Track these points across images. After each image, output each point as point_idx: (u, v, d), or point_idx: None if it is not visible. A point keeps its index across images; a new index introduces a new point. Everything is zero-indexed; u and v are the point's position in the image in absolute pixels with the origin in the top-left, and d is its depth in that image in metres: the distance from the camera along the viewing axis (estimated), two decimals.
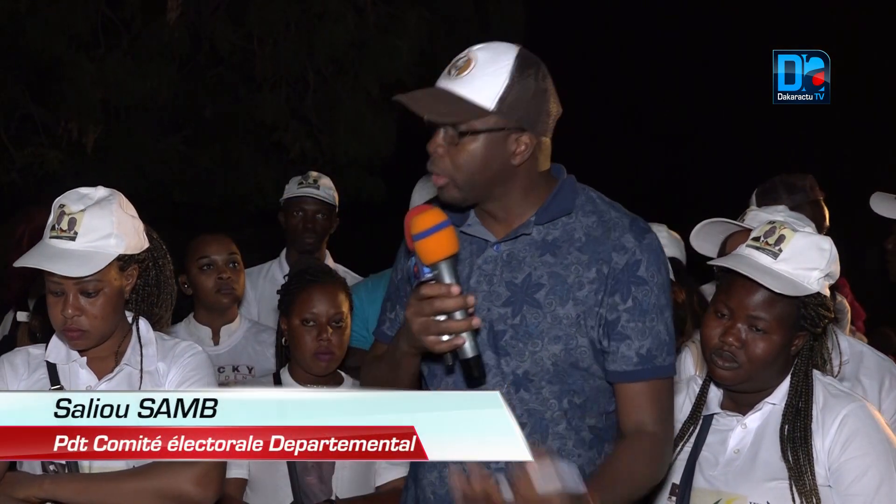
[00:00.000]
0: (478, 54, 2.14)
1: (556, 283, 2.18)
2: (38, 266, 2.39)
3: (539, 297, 2.18)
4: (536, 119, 2.15)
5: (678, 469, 2.40)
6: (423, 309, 2.04)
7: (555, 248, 2.20)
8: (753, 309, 2.28)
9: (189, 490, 2.36)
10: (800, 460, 2.25)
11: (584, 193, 2.27)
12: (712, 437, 2.40)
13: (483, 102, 2.09)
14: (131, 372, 2.49)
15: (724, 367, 2.31)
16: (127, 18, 7.59)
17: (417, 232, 2.03)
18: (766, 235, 2.33)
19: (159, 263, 2.56)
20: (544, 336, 2.18)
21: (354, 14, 7.44)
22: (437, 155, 2.14)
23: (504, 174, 2.16)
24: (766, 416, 2.35)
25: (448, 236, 2.04)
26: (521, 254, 2.21)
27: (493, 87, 2.10)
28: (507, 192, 2.19)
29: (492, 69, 2.11)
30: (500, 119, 2.10)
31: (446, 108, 2.10)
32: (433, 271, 2.05)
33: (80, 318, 2.40)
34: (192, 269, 3.71)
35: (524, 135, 2.14)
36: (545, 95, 2.16)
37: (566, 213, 2.22)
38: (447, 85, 2.14)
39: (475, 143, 2.11)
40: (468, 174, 2.13)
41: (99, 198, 2.45)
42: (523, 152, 2.14)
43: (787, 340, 2.30)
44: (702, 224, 2.92)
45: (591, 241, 2.20)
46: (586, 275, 2.18)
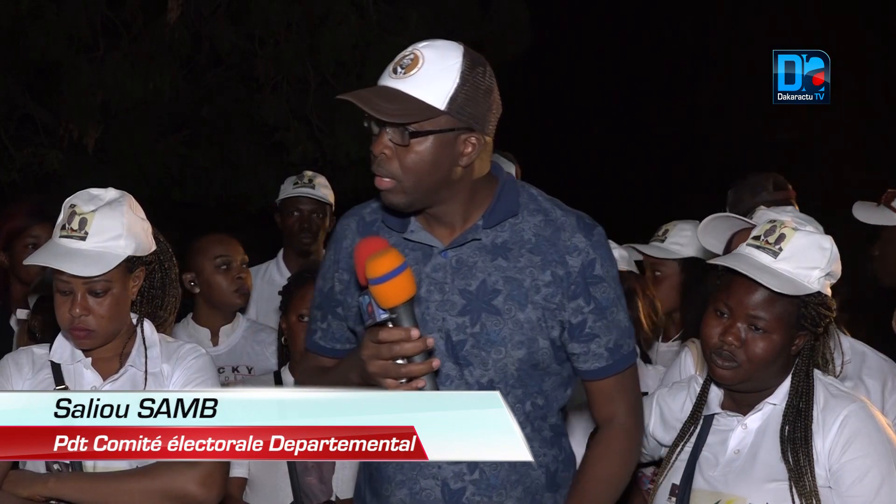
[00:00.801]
0: (424, 52, 2.07)
1: (512, 287, 2.15)
2: (48, 264, 2.42)
3: (497, 304, 2.15)
4: (485, 119, 2.10)
5: (678, 469, 2.40)
6: (382, 353, 1.98)
7: (506, 252, 2.17)
8: (753, 308, 2.26)
9: (193, 490, 2.37)
10: (800, 461, 2.24)
11: (525, 192, 2.24)
12: (713, 437, 2.39)
13: (434, 102, 2.04)
14: (135, 373, 2.51)
15: (724, 366, 2.30)
16: (127, 19, 7.59)
17: (375, 277, 1.94)
18: (766, 234, 2.32)
19: (165, 266, 2.58)
20: (507, 342, 2.16)
21: (356, 14, 7.43)
22: (385, 157, 2.08)
23: (451, 176, 2.11)
24: (767, 416, 2.34)
25: (407, 280, 1.95)
26: (471, 259, 2.17)
27: (444, 86, 2.04)
28: (454, 195, 2.14)
29: (440, 68, 2.05)
30: (451, 119, 2.05)
31: (397, 107, 2.03)
32: (391, 315, 1.97)
33: (87, 317, 2.42)
34: (207, 267, 3.70)
35: (472, 135, 2.09)
36: (492, 94, 2.12)
37: (512, 214, 2.19)
38: (394, 84, 2.07)
39: (424, 144, 2.06)
40: (416, 177, 2.07)
41: (110, 199, 2.48)
42: (471, 153, 2.10)
43: (787, 340, 2.29)
44: (709, 219, 2.91)
45: (542, 241, 2.17)
46: (541, 277, 2.16)
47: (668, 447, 2.47)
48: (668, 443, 2.48)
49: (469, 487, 2.18)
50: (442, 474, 2.19)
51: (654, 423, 2.54)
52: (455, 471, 2.18)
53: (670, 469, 2.41)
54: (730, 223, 2.89)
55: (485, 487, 2.19)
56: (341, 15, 7.38)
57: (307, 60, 7.51)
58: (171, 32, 7.32)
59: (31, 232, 3.44)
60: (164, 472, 2.38)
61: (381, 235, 2.20)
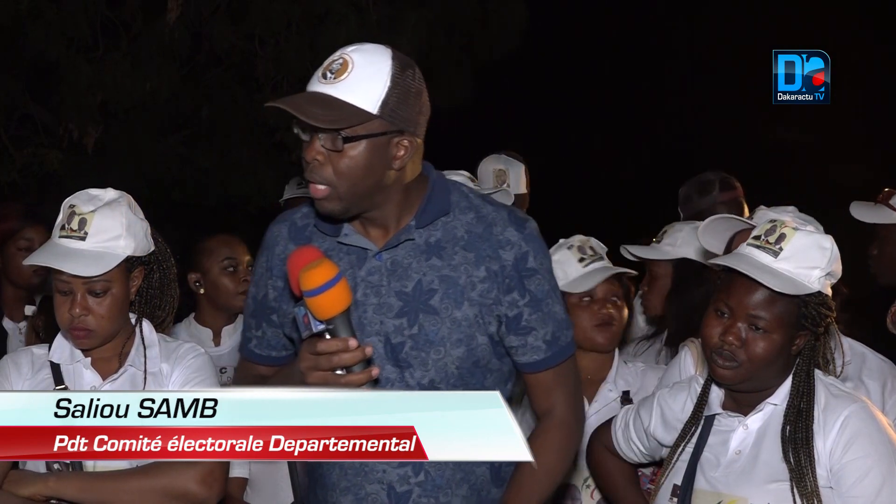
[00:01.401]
0: (353, 56, 2.07)
1: (448, 286, 2.15)
2: (48, 264, 2.43)
3: (434, 304, 2.15)
4: (416, 121, 2.11)
5: (680, 470, 2.39)
6: (320, 364, 1.97)
7: (440, 251, 2.17)
8: (753, 308, 2.26)
9: (194, 489, 2.38)
10: (801, 461, 2.23)
11: (456, 190, 2.24)
12: (714, 437, 2.39)
13: (366, 106, 2.03)
14: (135, 373, 2.52)
15: (725, 366, 2.30)
16: (127, 19, 7.59)
17: (310, 289, 1.92)
18: (766, 234, 2.32)
19: (163, 267, 2.59)
20: (446, 342, 2.15)
21: (355, 14, 7.43)
22: (317, 163, 2.06)
23: (385, 180, 2.11)
24: (768, 416, 2.34)
25: (342, 291, 1.94)
26: (406, 260, 2.17)
27: (375, 90, 2.04)
28: (388, 198, 2.14)
29: (371, 72, 2.05)
30: (383, 123, 2.05)
31: (330, 113, 2.02)
32: (328, 326, 1.96)
33: (87, 317, 2.44)
34: (214, 268, 3.69)
35: (404, 138, 2.09)
36: (422, 96, 2.12)
37: (444, 213, 2.19)
38: (325, 89, 2.06)
39: (358, 148, 2.05)
40: (350, 182, 2.06)
41: (109, 199, 2.49)
42: (403, 156, 2.10)
43: (787, 340, 2.29)
44: (709, 220, 2.91)
45: (474, 238, 2.17)
46: (476, 273, 2.16)
47: (669, 447, 2.47)
48: (668, 443, 2.48)
49: (415, 490, 2.18)
50: (387, 478, 2.18)
51: (655, 423, 2.53)
52: (400, 474, 2.18)
53: (671, 469, 2.41)
54: (731, 224, 2.89)
55: (431, 488, 2.19)
56: (340, 14, 7.38)
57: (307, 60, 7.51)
58: (171, 32, 7.32)
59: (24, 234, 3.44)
60: (165, 470, 2.38)
61: (315, 240, 2.20)
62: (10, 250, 3.55)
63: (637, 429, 2.60)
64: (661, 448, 2.55)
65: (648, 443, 2.58)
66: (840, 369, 2.59)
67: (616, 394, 3.05)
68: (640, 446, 2.61)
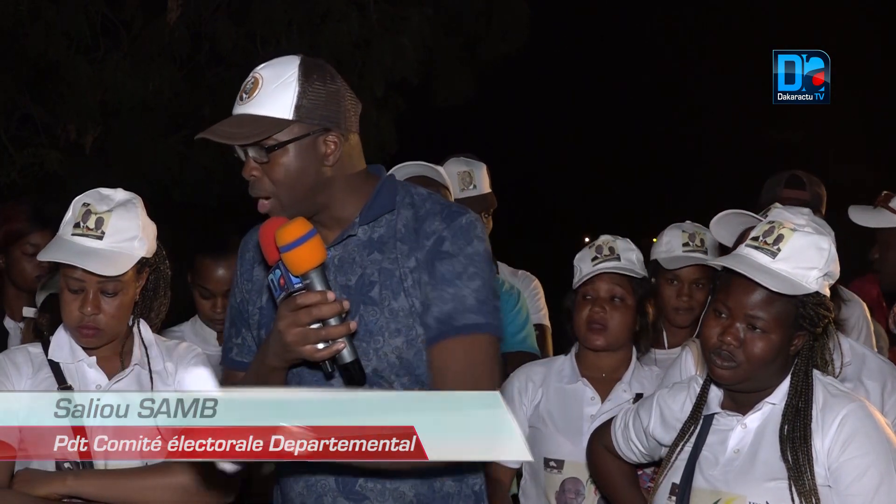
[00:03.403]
0: (262, 73, 2.16)
1: (385, 278, 2.20)
2: (68, 262, 2.42)
3: (373, 295, 2.19)
4: (337, 117, 2.16)
5: (678, 469, 2.40)
6: (300, 319, 2.03)
7: (381, 245, 2.22)
8: (751, 308, 2.27)
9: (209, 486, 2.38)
10: (799, 460, 2.24)
11: (404, 190, 2.29)
12: (712, 436, 2.39)
13: (281, 114, 2.11)
14: (140, 372, 2.53)
15: (723, 366, 2.30)
16: (127, 19, 7.59)
17: (285, 243, 2.01)
18: (765, 235, 2.33)
19: (160, 268, 2.60)
20: (384, 331, 2.18)
21: (357, 13, 7.44)
22: (255, 178, 2.15)
23: (322, 179, 2.17)
24: (766, 415, 2.34)
25: (318, 244, 2.04)
26: (351, 255, 2.22)
27: (286, 97, 2.11)
28: (330, 197, 2.19)
29: (279, 82, 2.13)
30: (303, 125, 2.12)
31: (246, 129, 2.11)
32: (304, 281, 2.04)
33: (97, 316, 2.44)
34: (194, 289, 3.68)
35: (330, 134, 2.15)
36: (339, 94, 2.18)
37: (388, 210, 2.24)
38: (242, 110, 2.15)
39: (286, 155, 2.13)
40: (288, 188, 2.13)
41: (123, 200, 2.50)
42: (334, 152, 2.16)
43: (785, 340, 2.29)
44: (723, 213, 2.92)
45: (409, 231, 2.22)
46: (407, 265, 2.20)
47: (668, 447, 2.47)
48: (668, 443, 2.48)
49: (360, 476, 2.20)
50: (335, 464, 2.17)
51: (654, 423, 2.54)
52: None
53: (670, 468, 2.42)
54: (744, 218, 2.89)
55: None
56: (342, 14, 7.39)
57: None
58: (171, 32, 7.32)
59: (30, 239, 3.43)
60: (182, 467, 2.38)
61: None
62: (15, 253, 3.54)
63: (636, 429, 2.60)
64: (661, 448, 2.55)
65: (648, 443, 2.59)
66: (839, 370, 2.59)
67: (630, 395, 3.04)
68: (640, 446, 2.61)
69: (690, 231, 3.48)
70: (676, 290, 3.49)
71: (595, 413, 3.00)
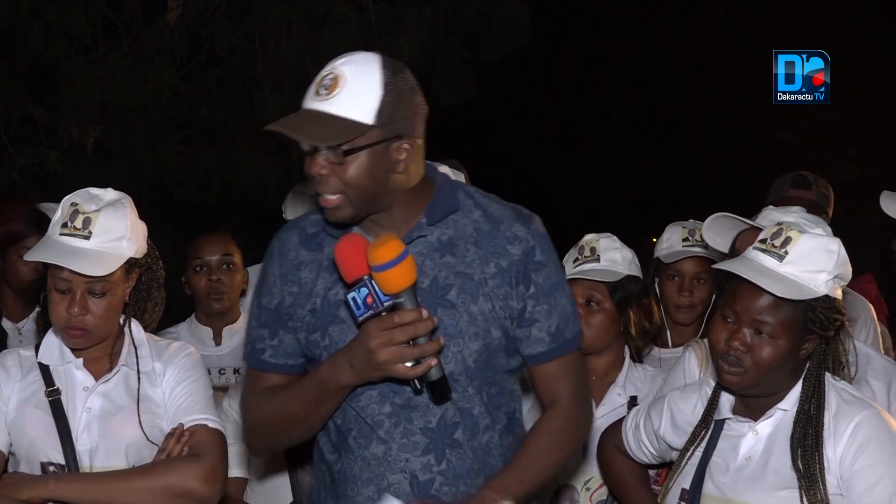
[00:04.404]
0: (344, 69, 2.11)
1: (463, 281, 2.19)
2: (54, 262, 2.40)
3: (451, 298, 2.19)
4: (413, 124, 2.15)
5: (688, 474, 2.36)
6: (396, 337, 2.05)
7: (452, 248, 2.21)
8: (758, 313, 2.22)
9: (196, 487, 2.37)
10: (811, 468, 2.19)
11: (461, 190, 2.29)
12: (723, 442, 2.35)
13: (362, 118, 2.08)
14: (128, 373, 2.51)
15: (731, 371, 2.26)
16: (127, 19, 7.59)
17: (380, 263, 2.02)
18: (772, 237, 2.28)
19: (152, 269, 2.58)
20: (464, 335, 2.19)
21: (356, 14, 7.43)
22: (323, 176, 2.12)
23: (391, 184, 2.15)
24: (778, 422, 2.29)
25: (412, 264, 2.05)
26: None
27: (369, 101, 2.08)
28: (396, 200, 2.19)
29: (363, 83, 2.09)
30: (380, 131, 2.10)
31: (327, 130, 2.08)
32: (394, 300, 2.05)
33: (85, 316, 2.42)
34: (188, 269, 3.69)
35: (404, 141, 2.13)
36: (415, 97, 2.17)
37: (454, 210, 2.24)
38: (320, 106, 2.10)
39: (360, 159, 2.10)
40: (359, 190, 2.12)
41: (112, 199, 2.47)
42: (406, 159, 2.14)
43: (794, 345, 2.25)
44: (712, 217, 2.90)
45: (483, 235, 2.22)
46: (487, 270, 2.20)
47: (678, 450, 2.44)
48: (678, 446, 2.45)
49: (437, 478, 2.20)
50: (410, 467, 2.20)
51: (665, 425, 2.50)
52: (423, 462, 2.20)
53: (680, 473, 2.38)
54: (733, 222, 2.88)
55: (452, 477, 2.21)
56: (341, 14, 7.39)
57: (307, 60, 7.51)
58: (171, 32, 7.32)
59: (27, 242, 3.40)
60: (166, 469, 2.37)
61: (326, 246, 2.26)
62: (11, 256, 3.54)
63: (647, 430, 2.56)
64: (671, 450, 2.51)
65: (658, 444, 2.55)
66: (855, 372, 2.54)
67: (624, 398, 3.03)
68: (651, 448, 2.58)
69: (690, 227, 3.49)
70: (678, 285, 3.49)
71: None
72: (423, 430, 2.20)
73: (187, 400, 2.50)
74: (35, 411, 2.47)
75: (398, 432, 2.20)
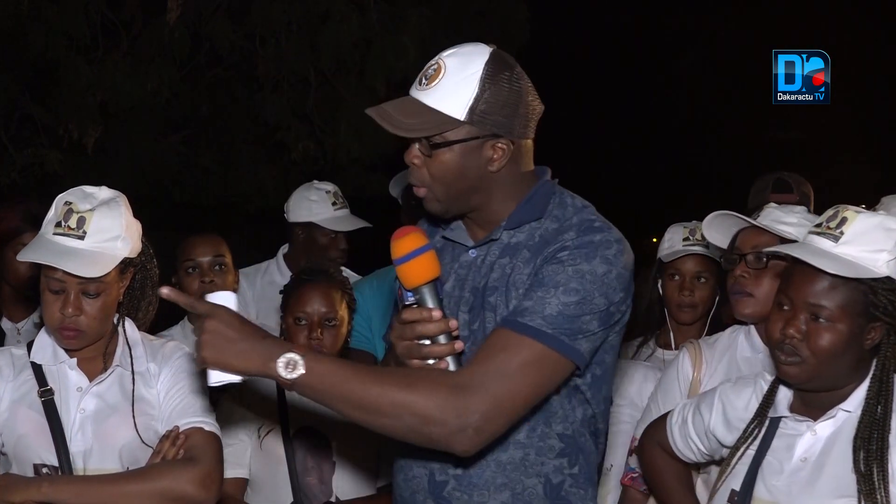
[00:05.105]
0: (447, 62, 2.08)
1: (503, 284, 2.14)
2: (45, 262, 2.37)
3: (492, 301, 2.14)
4: (511, 123, 2.09)
5: (739, 473, 2.22)
6: (406, 333, 2.05)
7: (513, 252, 2.16)
8: (814, 297, 2.07)
9: (191, 491, 2.35)
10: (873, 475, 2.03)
11: (559, 198, 2.20)
12: (778, 441, 2.20)
13: (454, 112, 2.05)
14: (122, 373, 2.49)
15: (788, 361, 2.11)
16: (127, 19, 7.58)
17: (398, 257, 2.03)
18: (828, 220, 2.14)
19: (147, 268, 2.56)
20: None
21: (357, 13, 7.43)
22: (415, 166, 2.11)
23: (482, 182, 2.12)
24: (840, 424, 2.13)
25: (428, 261, 2.03)
26: (490, 258, 2.18)
27: (463, 96, 2.04)
28: (488, 199, 2.15)
29: (461, 77, 2.05)
30: (473, 128, 2.06)
31: (416, 121, 2.05)
32: (415, 295, 2.05)
33: (79, 317, 2.39)
34: (180, 271, 3.69)
35: (500, 140, 2.09)
36: (520, 97, 2.10)
37: (535, 218, 2.17)
38: (418, 95, 2.09)
39: (449, 153, 2.07)
40: (445, 185, 2.10)
41: (106, 198, 2.44)
42: (500, 158, 2.10)
43: (856, 331, 2.08)
44: (712, 215, 2.88)
45: (541, 243, 2.14)
46: (524, 271, 2.13)
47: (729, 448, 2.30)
48: (729, 443, 2.32)
49: (451, 482, 2.16)
50: (430, 465, 2.18)
51: (716, 420, 2.36)
52: (441, 462, 2.17)
53: (730, 473, 2.24)
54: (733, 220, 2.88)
55: (466, 484, 2.15)
56: (342, 14, 7.37)
57: (308, 59, 7.50)
58: (171, 32, 7.31)
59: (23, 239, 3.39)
60: (161, 473, 2.35)
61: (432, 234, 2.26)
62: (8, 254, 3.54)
63: (696, 426, 2.42)
64: (721, 448, 2.38)
65: (708, 441, 2.40)
66: None
67: None
68: (700, 445, 2.43)
69: (692, 227, 3.50)
70: (678, 284, 3.49)
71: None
72: None
73: (182, 402, 2.47)
74: (28, 411, 2.44)
75: None
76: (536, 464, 2.14)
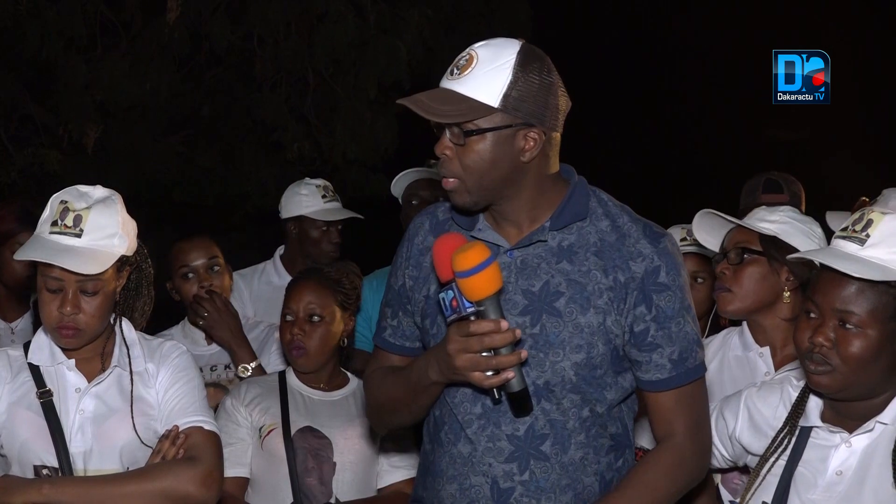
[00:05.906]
0: (479, 52, 2.10)
1: (575, 291, 2.13)
2: (45, 260, 2.37)
3: (559, 306, 2.13)
4: (544, 113, 2.10)
5: (770, 485, 2.15)
6: (471, 346, 2.01)
7: (571, 255, 2.15)
8: (841, 303, 2.01)
9: (192, 491, 2.35)
10: None
11: (595, 196, 2.23)
12: (811, 452, 2.12)
13: (487, 100, 2.06)
14: (121, 373, 2.49)
15: (817, 371, 2.04)
16: (126, 19, 7.58)
17: (463, 269, 1.98)
18: (853, 223, 2.08)
19: (142, 266, 2.56)
20: (566, 345, 2.12)
21: (354, 14, 7.43)
22: (446, 157, 2.11)
23: (514, 173, 2.11)
24: (877, 437, 2.05)
25: (495, 273, 2.00)
26: (535, 260, 2.16)
27: (497, 83, 2.06)
28: (519, 191, 2.14)
29: (494, 66, 2.07)
30: (507, 116, 2.07)
31: (450, 108, 2.06)
32: (478, 307, 2.01)
33: (77, 315, 2.39)
34: (176, 278, 3.68)
35: (532, 130, 2.09)
36: (551, 89, 2.12)
37: (580, 217, 2.17)
38: (450, 85, 2.10)
39: (483, 142, 2.07)
40: (477, 175, 2.09)
41: (102, 196, 2.44)
42: (532, 148, 2.10)
43: (887, 336, 2.00)
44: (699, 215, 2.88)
45: (607, 246, 2.14)
46: (604, 281, 2.13)
47: (755, 455, 2.25)
48: (756, 450, 2.27)
49: (518, 488, 2.15)
50: (492, 472, 2.16)
51: (742, 426, 2.31)
52: (506, 469, 2.16)
53: (760, 485, 2.17)
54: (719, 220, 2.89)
55: (534, 489, 2.15)
56: (339, 14, 7.37)
57: (306, 59, 7.50)
58: (171, 32, 7.31)
59: (19, 239, 3.39)
60: (162, 473, 2.35)
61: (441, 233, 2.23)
62: (4, 254, 3.53)
63: (720, 432, 2.36)
64: (746, 454, 2.33)
65: (733, 447, 2.36)
66: None
67: None
68: (724, 451, 2.38)
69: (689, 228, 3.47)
70: None
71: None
72: (510, 436, 2.14)
73: (182, 401, 2.47)
74: (27, 413, 2.43)
75: (485, 435, 2.15)
76: (594, 462, 2.18)
